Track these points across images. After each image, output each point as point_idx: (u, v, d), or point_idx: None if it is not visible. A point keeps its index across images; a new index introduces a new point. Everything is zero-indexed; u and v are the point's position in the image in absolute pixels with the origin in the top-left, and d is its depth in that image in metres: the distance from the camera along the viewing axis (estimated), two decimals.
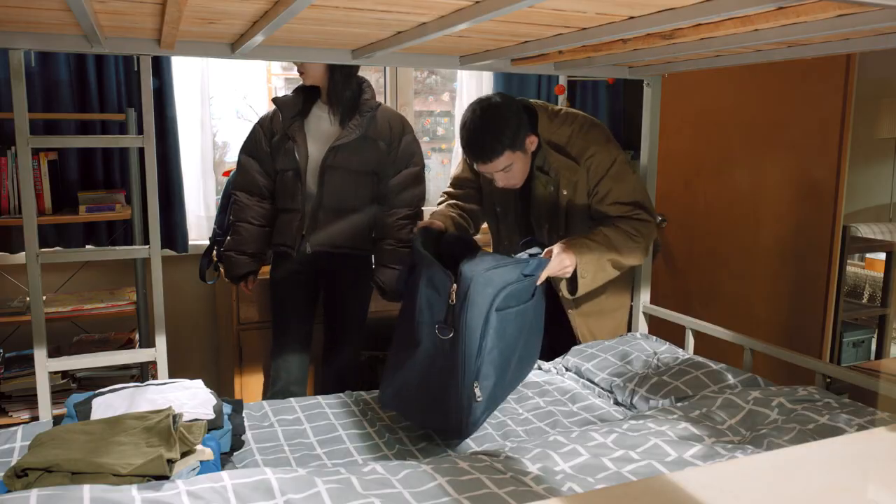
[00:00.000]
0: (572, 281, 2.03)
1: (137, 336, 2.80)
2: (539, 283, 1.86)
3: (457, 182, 2.40)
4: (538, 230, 2.23)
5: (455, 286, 1.65)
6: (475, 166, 2.07)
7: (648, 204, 2.17)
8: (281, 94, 2.57)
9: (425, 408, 1.70)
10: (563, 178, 2.11)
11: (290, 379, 2.43)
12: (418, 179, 2.50)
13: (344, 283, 2.52)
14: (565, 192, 2.13)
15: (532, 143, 2.07)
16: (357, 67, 2.37)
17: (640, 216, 2.13)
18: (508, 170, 2.04)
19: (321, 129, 2.42)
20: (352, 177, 2.40)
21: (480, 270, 1.65)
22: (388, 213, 2.47)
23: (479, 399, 1.67)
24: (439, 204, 2.40)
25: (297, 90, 2.46)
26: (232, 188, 2.56)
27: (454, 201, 2.36)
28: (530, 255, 1.90)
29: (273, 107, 2.47)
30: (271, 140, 2.45)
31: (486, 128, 1.98)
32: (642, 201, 2.14)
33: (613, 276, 2.12)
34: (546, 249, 1.97)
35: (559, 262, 1.95)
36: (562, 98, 3.36)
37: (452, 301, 1.65)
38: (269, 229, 2.54)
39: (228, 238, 2.55)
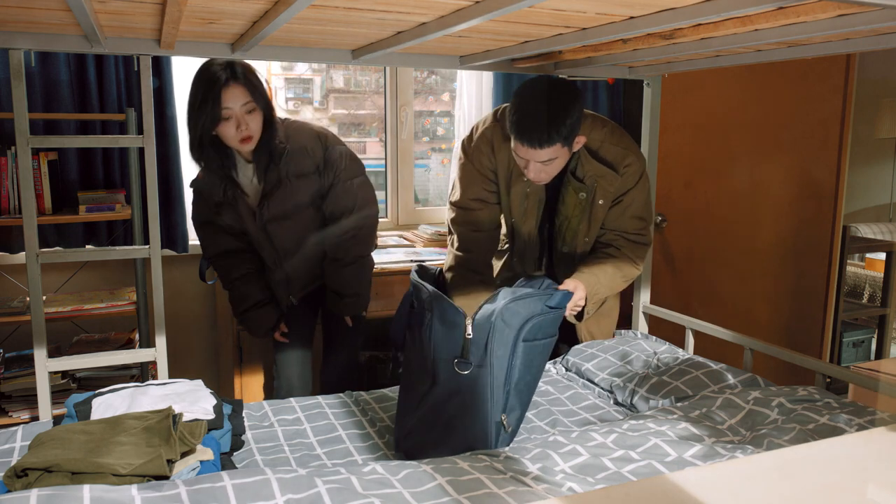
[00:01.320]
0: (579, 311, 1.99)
1: (137, 336, 2.80)
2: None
3: (469, 205, 2.11)
4: (561, 239, 2.11)
5: (471, 320, 1.59)
6: (517, 149, 1.87)
7: (652, 220, 2.13)
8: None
9: (445, 444, 1.61)
10: (599, 188, 2.00)
11: (292, 387, 2.40)
12: (349, 191, 2.23)
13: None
14: (601, 202, 2.02)
15: (579, 143, 1.92)
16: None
17: (644, 239, 2.09)
18: (549, 164, 1.87)
19: (253, 187, 2.21)
20: (293, 220, 2.23)
21: (503, 303, 1.58)
22: (330, 234, 2.26)
23: (508, 430, 1.63)
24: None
25: (206, 166, 2.15)
26: (205, 256, 2.37)
27: (476, 239, 2.11)
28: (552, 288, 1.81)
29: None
30: (216, 206, 2.24)
31: (551, 109, 1.79)
32: (650, 219, 2.11)
33: None
34: (565, 283, 1.89)
35: (579, 299, 1.89)
36: None
37: (469, 335, 1.58)
38: (265, 271, 2.37)
39: (233, 303, 2.36)
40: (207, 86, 1.96)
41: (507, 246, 2.28)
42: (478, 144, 2.08)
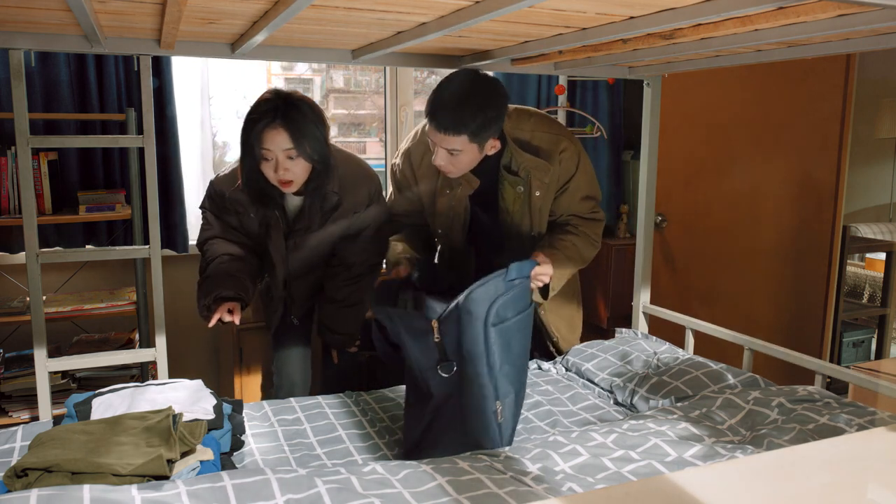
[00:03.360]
0: (543, 288, 2.00)
1: (137, 336, 2.80)
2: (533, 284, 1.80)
3: (392, 209, 2.23)
4: (507, 236, 2.10)
5: (435, 322, 1.58)
6: (429, 131, 1.85)
7: (600, 195, 2.16)
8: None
9: (451, 446, 1.60)
10: (534, 179, 2.00)
11: (293, 385, 2.35)
12: (369, 242, 2.21)
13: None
14: (538, 194, 2.02)
15: (493, 147, 1.91)
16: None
17: (597, 216, 2.12)
18: (455, 156, 1.85)
19: (291, 215, 2.15)
20: (314, 251, 2.18)
21: (462, 296, 1.58)
22: (336, 276, 2.22)
23: (500, 419, 1.63)
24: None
25: (253, 188, 2.01)
26: (198, 242, 2.21)
27: (401, 230, 2.21)
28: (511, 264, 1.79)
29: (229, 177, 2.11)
30: (237, 213, 2.14)
31: (465, 99, 1.77)
32: (598, 195, 2.13)
33: None
34: (534, 255, 1.91)
35: (545, 269, 1.89)
36: (562, 98, 3.36)
37: (437, 338, 1.59)
38: (258, 266, 2.24)
39: (205, 267, 2.14)
40: (251, 124, 1.90)
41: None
42: (402, 163, 2.16)
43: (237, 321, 2.02)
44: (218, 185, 2.13)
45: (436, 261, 2.31)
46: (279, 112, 1.87)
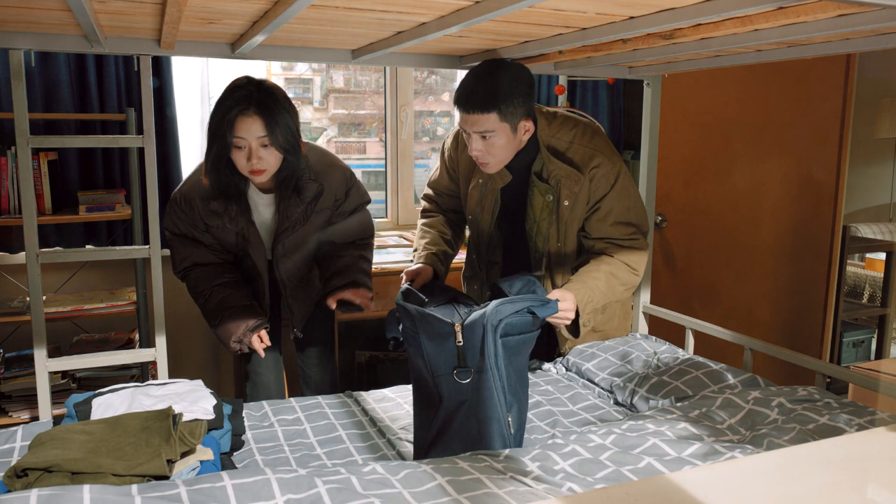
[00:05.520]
0: (573, 324, 1.95)
1: (137, 336, 2.80)
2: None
3: (436, 186, 2.31)
4: (533, 244, 2.10)
5: (459, 326, 1.56)
6: (460, 121, 1.89)
7: (646, 225, 2.08)
8: None
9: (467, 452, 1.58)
10: (564, 188, 1.98)
11: (270, 392, 2.31)
12: (364, 221, 2.25)
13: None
14: (566, 203, 1.99)
15: (526, 130, 1.91)
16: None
17: (637, 244, 2.03)
18: (489, 137, 1.86)
19: (266, 216, 2.11)
20: (302, 253, 2.16)
21: (492, 306, 1.56)
22: (338, 254, 2.19)
23: (512, 432, 1.62)
24: (423, 213, 2.30)
25: (219, 180, 1.96)
26: (177, 271, 2.15)
27: (437, 215, 2.27)
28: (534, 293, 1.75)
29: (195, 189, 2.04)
30: (208, 228, 2.07)
31: (489, 77, 1.84)
32: (641, 223, 2.05)
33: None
34: (552, 292, 1.86)
35: (566, 310, 1.84)
36: (562, 98, 3.36)
37: (460, 342, 1.57)
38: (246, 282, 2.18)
39: (204, 312, 2.11)
40: (225, 110, 1.85)
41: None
42: (450, 143, 2.24)
43: (268, 342, 2.07)
44: (187, 197, 2.05)
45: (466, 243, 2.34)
46: (253, 99, 1.85)
